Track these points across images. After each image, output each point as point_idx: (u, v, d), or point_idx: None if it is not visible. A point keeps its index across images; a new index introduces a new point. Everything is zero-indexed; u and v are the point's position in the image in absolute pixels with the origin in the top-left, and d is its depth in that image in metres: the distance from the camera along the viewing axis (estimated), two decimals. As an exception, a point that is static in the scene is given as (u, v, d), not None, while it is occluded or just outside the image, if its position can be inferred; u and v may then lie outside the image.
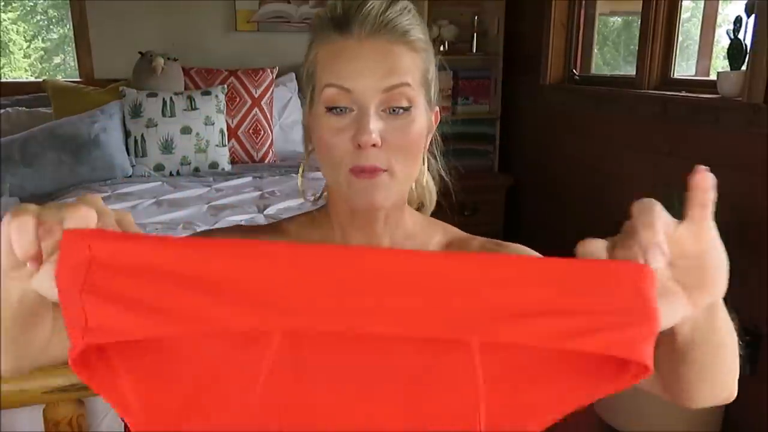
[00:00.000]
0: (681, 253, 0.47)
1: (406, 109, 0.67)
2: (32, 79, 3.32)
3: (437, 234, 0.81)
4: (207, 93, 2.78)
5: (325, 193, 0.81)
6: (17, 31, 3.37)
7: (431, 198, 0.83)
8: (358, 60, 0.66)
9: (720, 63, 2.28)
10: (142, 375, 0.50)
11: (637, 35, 2.44)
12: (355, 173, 0.66)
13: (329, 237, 0.78)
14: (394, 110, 0.67)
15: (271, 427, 0.51)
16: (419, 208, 0.82)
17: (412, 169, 0.71)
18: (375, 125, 0.65)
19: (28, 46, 3.43)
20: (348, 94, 0.66)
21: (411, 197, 0.80)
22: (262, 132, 2.94)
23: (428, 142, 0.75)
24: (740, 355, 0.58)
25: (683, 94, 2.19)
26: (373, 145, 0.65)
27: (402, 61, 0.67)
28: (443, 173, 0.82)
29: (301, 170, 0.81)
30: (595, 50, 2.97)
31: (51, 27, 3.44)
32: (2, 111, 2.77)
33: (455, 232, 0.83)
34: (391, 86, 0.66)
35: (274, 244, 0.46)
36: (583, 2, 2.88)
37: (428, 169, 0.80)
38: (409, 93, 0.67)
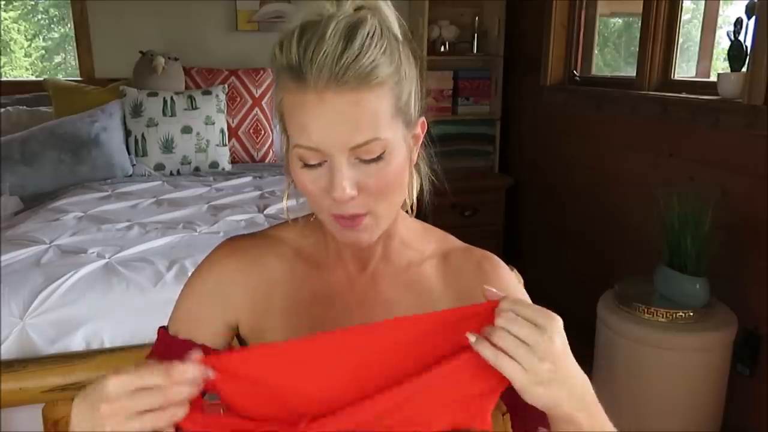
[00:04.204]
0: None
1: (380, 157, 0.64)
2: (33, 78, 3.32)
3: (432, 243, 0.80)
4: (207, 92, 2.78)
5: None
6: (18, 30, 3.38)
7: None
8: (319, 117, 0.61)
9: (720, 64, 2.28)
10: None
11: (638, 36, 2.44)
12: (337, 219, 0.67)
13: (322, 244, 0.79)
14: (366, 159, 0.64)
15: None
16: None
17: (396, 204, 0.70)
18: (348, 177, 0.63)
19: (29, 45, 3.43)
20: (316, 152, 0.63)
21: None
22: (263, 132, 2.94)
23: (415, 157, 0.73)
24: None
25: (684, 95, 2.19)
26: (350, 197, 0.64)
27: (368, 112, 0.62)
28: (427, 178, 0.79)
29: (285, 196, 0.77)
30: (596, 51, 2.97)
31: (52, 26, 3.44)
32: (3, 110, 2.77)
33: (451, 242, 0.82)
34: (357, 145, 0.62)
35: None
36: (584, 3, 2.88)
37: (418, 175, 0.78)
38: (379, 145, 0.63)
